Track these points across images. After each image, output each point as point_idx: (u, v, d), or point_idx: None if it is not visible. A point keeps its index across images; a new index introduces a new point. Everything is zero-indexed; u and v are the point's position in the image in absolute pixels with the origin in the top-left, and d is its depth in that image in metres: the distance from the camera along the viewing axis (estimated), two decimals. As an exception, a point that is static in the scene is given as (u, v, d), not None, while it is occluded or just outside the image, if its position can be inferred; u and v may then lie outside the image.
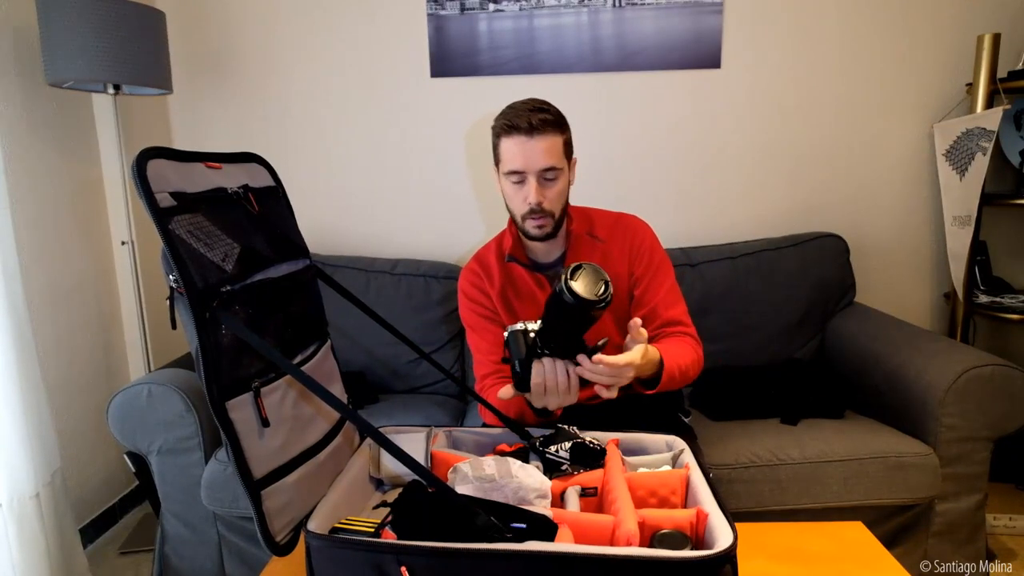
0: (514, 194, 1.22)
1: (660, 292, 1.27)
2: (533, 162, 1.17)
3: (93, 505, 2.01)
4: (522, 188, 1.20)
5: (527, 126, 1.16)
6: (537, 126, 1.16)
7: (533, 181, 1.18)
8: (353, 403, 1.00)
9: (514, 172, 1.19)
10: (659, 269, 1.29)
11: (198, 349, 0.69)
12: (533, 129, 1.16)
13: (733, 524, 0.72)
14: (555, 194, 1.21)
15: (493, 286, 1.33)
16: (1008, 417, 1.50)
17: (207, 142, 2.18)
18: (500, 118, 1.21)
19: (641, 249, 1.29)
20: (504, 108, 1.22)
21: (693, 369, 1.20)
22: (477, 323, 1.35)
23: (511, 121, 1.18)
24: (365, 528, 0.78)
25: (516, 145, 1.17)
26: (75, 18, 1.60)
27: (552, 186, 1.20)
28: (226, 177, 0.81)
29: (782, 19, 2.07)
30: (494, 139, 1.23)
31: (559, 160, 1.19)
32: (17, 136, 1.78)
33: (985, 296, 2.03)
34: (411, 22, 2.09)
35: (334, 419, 0.91)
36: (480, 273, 1.35)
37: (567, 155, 1.23)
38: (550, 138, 1.17)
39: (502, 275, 1.33)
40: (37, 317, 1.81)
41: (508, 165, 1.20)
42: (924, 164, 2.13)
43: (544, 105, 1.20)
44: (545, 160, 1.17)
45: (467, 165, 2.19)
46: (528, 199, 1.19)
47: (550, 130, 1.17)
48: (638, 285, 1.29)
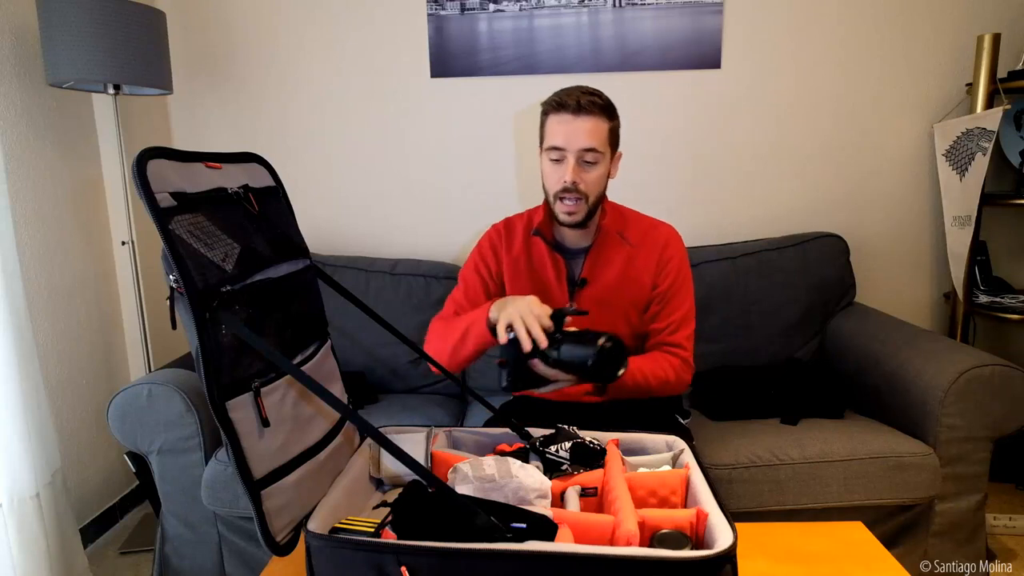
0: (551, 172, 1.23)
1: (674, 315, 1.28)
2: (574, 140, 1.18)
3: (93, 505, 2.01)
4: (560, 166, 1.21)
5: (574, 104, 1.17)
6: (585, 106, 1.17)
7: (572, 160, 1.19)
8: (353, 403, 1.00)
9: (554, 148, 1.20)
10: (680, 290, 1.30)
11: (198, 349, 0.69)
12: (580, 109, 1.17)
13: (733, 524, 0.72)
14: (593, 179, 1.21)
15: (510, 252, 1.34)
16: (1008, 417, 1.50)
17: (207, 142, 2.18)
18: (550, 96, 1.22)
19: (669, 266, 1.30)
20: (557, 90, 1.23)
21: (663, 386, 1.22)
22: (469, 277, 1.37)
23: (560, 99, 1.19)
24: (365, 528, 0.78)
25: (560, 123, 1.19)
26: (75, 18, 1.61)
27: (591, 169, 1.21)
28: (226, 177, 0.81)
29: (782, 19, 2.07)
30: (542, 117, 1.24)
31: (601, 144, 1.20)
32: (17, 136, 1.78)
33: (985, 296, 2.03)
34: (411, 22, 2.09)
35: (334, 419, 0.91)
36: (503, 235, 1.37)
37: (611, 144, 1.23)
38: (595, 120, 1.18)
39: (523, 245, 1.34)
40: (37, 317, 1.81)
41: (549, 141, 1.21)
42: (924, 164, 2.13)
43: (595, 91, 1.21)
44: (587, 140, 1.18)
45: (468, 165, 2.19)
46: (564, 177, 1.19)
47: (597, 113, 1.18)
48: (657, 298, 1.30)
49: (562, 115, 1.19)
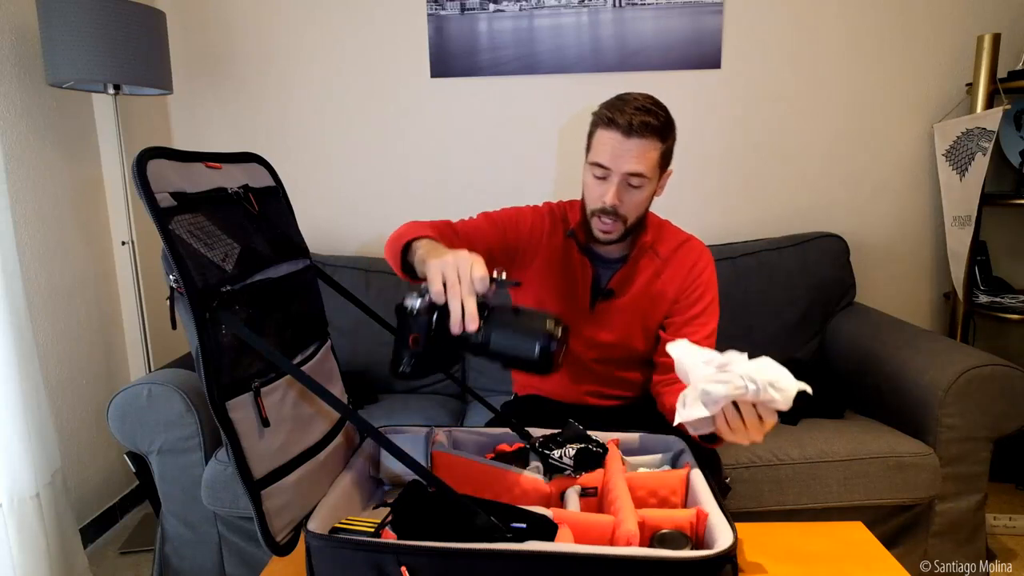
0: (593, 187, 1.16)
1: (695, 336, 1.20)
2: (621, 163, 1.10)
3: (93, 505, 2.01)
4: (602, 184, 1.14)
5: (626, 125, 1.08)
6: (637, 128, 1.08)
7: (615, 182, 1.12)
8: (353, 403, 1.00)
9: (599, 165, 1.13)
10: (705, 310, 1.23)
11: (198, 349, 0.69)
12: (631, 130, 1.08)
13: (733, 524, 0.72)
14: (634, 203, 1.15)
15: (550, 241, 1.27)
16: (1008, 417, 1.50)
17: (207, 142, 2.18)
18: (604, 107, 1.13)
19: (695, 284, 1.24)
20: (614, 97, 1.14)
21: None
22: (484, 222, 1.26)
23: (612, 114, 1.10)
24: (365, 528, 0.78)
25: (609, 140, 1.11)
26: (75, 18, 1.61)
27: (634, 194, 1.14)
28: (226, 177, 0.81)
29: (782, 19, 2.07)
30: (592, 125, 1.16)
31: (650, 169, 1.12)
32: (17, 136, 1.78)
33: (985, 296, 2.03)
34: (411, 22, 2.09)
35: (334, 419, 0.91)
36: (546, 221, 1.28)
37: (661, 166, 1.16)
38: (647, 144, 1.10)
39: (561, 241, 1.27)
40: (37, 317, 1.81)
41: (595, 156, 1.13)
42: (924, 164, 2.13)
43: (652, 106, 1.11)
44: (634, 165, 1.10)
45: (468, 165, 2.19)
46: (604, 198, 1.13)
47: (649, 136, 1.10)
48: (678, 314, 1.24)
49: (612, 132, 1.10)
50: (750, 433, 0.83)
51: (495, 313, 0.79)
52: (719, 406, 0.80)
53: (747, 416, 0.81)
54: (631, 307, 1.26)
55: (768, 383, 0.78)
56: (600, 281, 1.28)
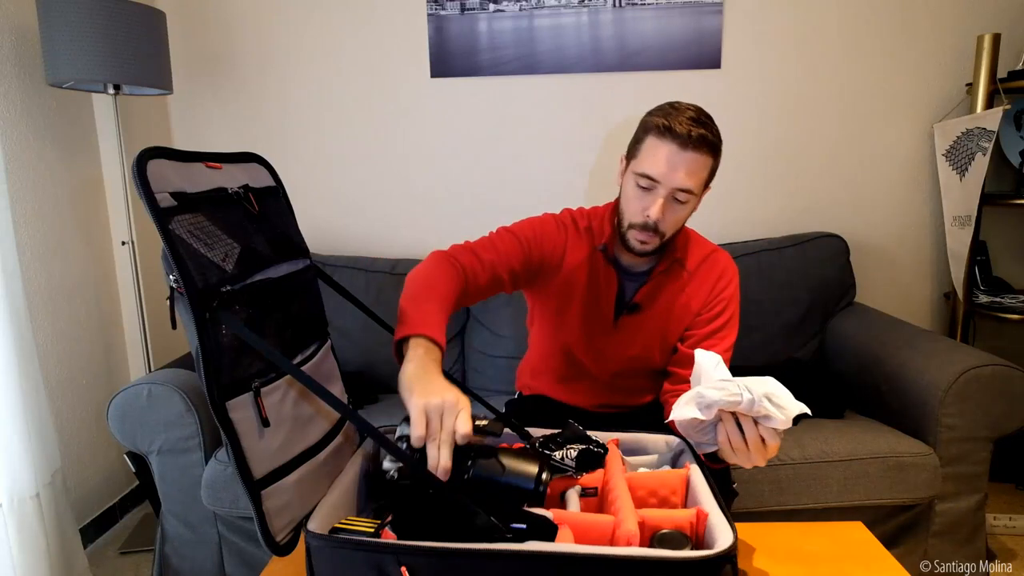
0: (636, 198, 1.10)
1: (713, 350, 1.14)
2: (673, 177, 1.05)
3: (93, 505, 2.01)
4: (646, 196, 1.08)
5: (685, 136, 1.03)
6: (695, 140, 1.04)
7: (662, 196, 1.06)
8: (353, 403, 1.00)
9: (647, 177, 1.07)
10: (725, 325, 1.20)
11: (198, 349, 0.69)
12: (690, 142, 1.03)
13: (733, 524, 0.72)
14: (676, 218, 1.11)
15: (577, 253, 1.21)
16: (1008, 417, 1.50)
17: (207, 142, 2.18)
18: (659, 115, 1.07)
19: (719, 299, 1.20)
20: (664, 104, 1.10)
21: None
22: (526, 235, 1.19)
23: (671, 124, 1.04)
24: (365, 528, 0.78)
25: (664, 151, 1.05)
26: (75, 18, 1.61)
27: (678, 209, 1.09)
28: (226, 177, 0.81)
29: (782, 19, 2.07)
30: (641, 132, 1.10)
31: (698, 186, 1.07)
32: (17, 136, 1.78)
33: (985, 296, 2.03)
34: (411, 22, 2.09)
35: (334, 419, 0.91)
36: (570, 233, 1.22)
37: (707, 182, 1.11)
38: (701, 159, 1.05)
39: (589, 252, 1.21)
40: (37, 317, 1.81)
41: (645, 167, 1.07)
42: (924, 164, 2.13)
43: (707, 120, 1.07)
44: (686, 180, 1.05)
45: (468, 165, 2.19)
46: (648, 212, 1.08)
47: (705, 150, 1.05)
48: (698, 327, 1.21)
49: (668, 143, 1.04)
50: (752, 454, 0.82)
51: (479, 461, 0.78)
52: (712, 411, 0.80)
53: (749, 434, 0.81)
54: (655, 321, 1.22)
55: (765, 395, 0.78)
56: (625, 294, 1.23)
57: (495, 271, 1.14)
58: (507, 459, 0.79)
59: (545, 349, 1.33)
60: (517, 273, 1.18)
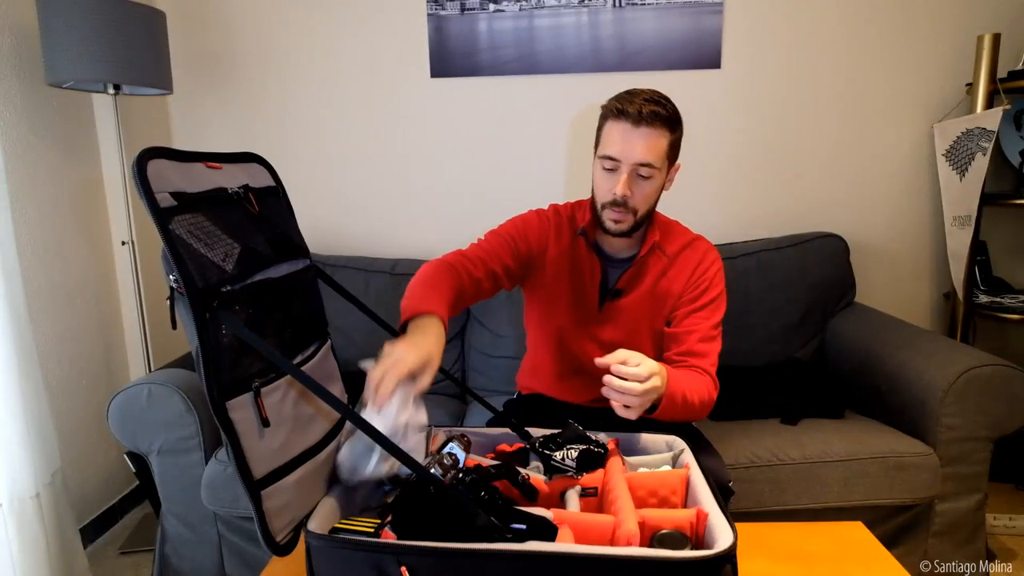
0: (602, 180, 1.17)
1: (701, 326, 1.21)
2: (630, 153, 1.12)
3: (93, 505, 2.01)
4: (611, 176, 1.15)
5: (636, 114, 1.10)
6: (646, 117, 1.10)
7: (625, 173, 1.13)
8: (353, 403, 1.00)
9: (609, 158, 1.14)
10: (711, 303, 1.24)
11: (198, 349, 0.69)
12: (641, 119, 1.10)
13: (733, 524, 0.72)
14: (644, 194, 1.16)
15: (558, 242, 1.28)
16: (1008, 417, 1.50)
17: (207, 142, 2.18)
18: (612, 99, 1.15)
19: (702, 279, 1.24)
20: (622, 91, 1.16)
21: (698, 408, 1.12)
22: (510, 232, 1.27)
23: (622, 105, 1.12)
24: (365, 528, 0.78)
25: (619, 131, 1.12)
26: (75, 18, 1.60)
27: (643, 185, 1.15)
28: (226, 177, 0.81)
29: (782, 19, 2.07)
30: (600, 120, 1.18)
31: (658, 159, 1.13)
32: (17, 136, 1.78)
33: (985, 296, 2.03)
34: (411, 22, 2.09)
35: (334, 419, 0.91)
36: (552, 223, 1.29)
37: (670, 158, 1.17)
38: (656, 133, 1.11)
39: (570, 241, 1.28)
40: (37, 317, 1.81)
41: (605, 149, 1.15)
42: (924, 164, 2.13)
43: (660, 98, 1.13)
44: (643, 155, 1.12)
45: (468, 165, 2.19)
46: (615, 190, 1.14)
47: (659, 125, 1.11)
48: (682, 307, 1.24)
49: (621, 123, 1.11)
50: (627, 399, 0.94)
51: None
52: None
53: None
54: (638, 306, 1.26)
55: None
56: (609, 281, 1.28)
57: (487, 266, 1.21)
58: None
59: (540, 343, 1.36)
60: (510, 268, 1.24)
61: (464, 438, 0.90)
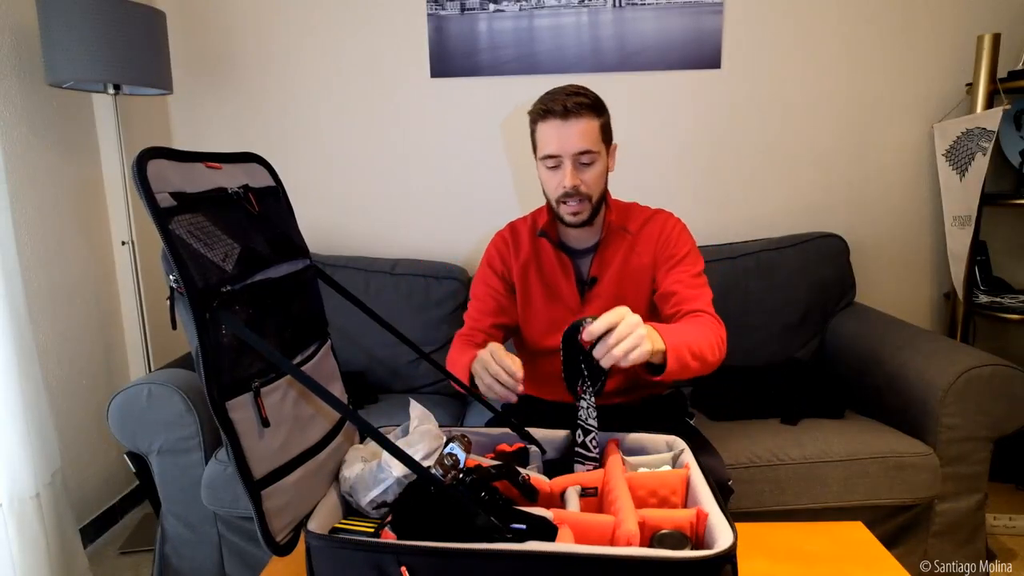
0: (549, 179, 1.22)
1: (683, 277, 1.22)
2: (568, 145, 1.17)
3: (93, 505, 2.01)
4: (557, 172, 1.20)
5: (562, 109, 1.15)
6: (572, 109, 1.15)
7: (569, 164, 1.18)
8: (353, 403, 1.00)
9: (550, 156, 1.19)
10: (685, 258, 1.25)
11: (198, 349, 0.69)
12: (568, 112, 1.15)
13: (733, 524, 0.72)
14: (592, 178, 1.20)
15: (518, 257, 1.33)
16: (1008, 417, 1.50)
17: (207, 142, 2.18)
18: (536, 104, 1.20)
19: (669, 239, 1.27)
20: (542, 95, 1.21)
21: (711, 351, 1.10)
22: (479, 290, 1.36)
23: (546, 106, 1.17)
24: (365, 528, 0.78)
25: (551, 129, 1.17)
26: (75, 18, 1.60)
27: (588, 170, 1.20)
28: (226, 177, 0.81)
29: (782, 19, 2.07)
30: (531, 125, 1.23)
31: (595, 143, 1.18)
32: (17, 136, 1.78)
33: (985, 296, 2.03)
34: (411, 22, 2.09)
35: (334, 419, 0.91)
36: (509, 243, 1.36)
37: (605, 140, 1.22)
38: (585, 121, 1.16)
39: (531, 249, 1.33)
40: (37, 317, 1.81)
41: (544, 149, 1.20)
42: (924, 164, 2.13)
43: (580, 89, 1.18)
44: (580, 143, 1.16)
45: (467, 165, 2.19)
46: (563, 183, 1.19)
47: (586, 113, 1.16)
48: (660, 269, 1.27)
49: (551, 121, 1.17)
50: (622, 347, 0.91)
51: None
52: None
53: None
54: (617, 287, 1.29)
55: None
56: (582, 272, 1.31)
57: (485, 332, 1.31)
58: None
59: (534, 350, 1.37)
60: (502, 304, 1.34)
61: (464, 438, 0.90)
